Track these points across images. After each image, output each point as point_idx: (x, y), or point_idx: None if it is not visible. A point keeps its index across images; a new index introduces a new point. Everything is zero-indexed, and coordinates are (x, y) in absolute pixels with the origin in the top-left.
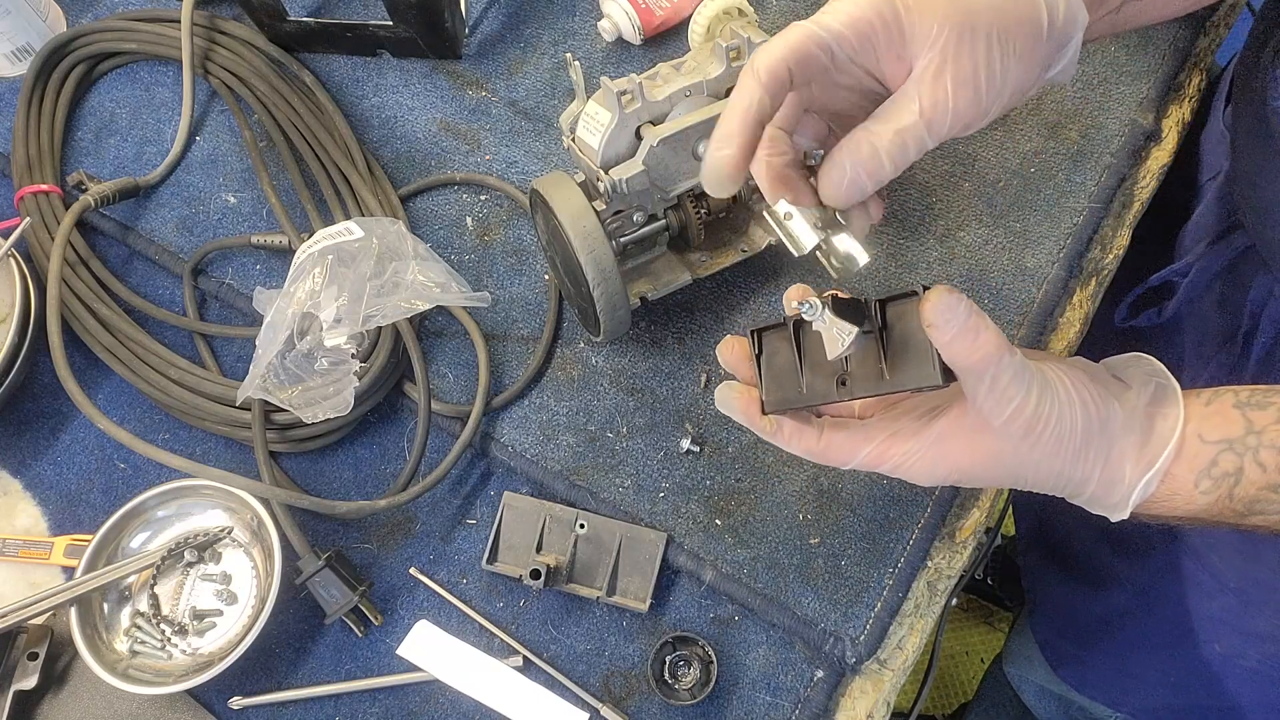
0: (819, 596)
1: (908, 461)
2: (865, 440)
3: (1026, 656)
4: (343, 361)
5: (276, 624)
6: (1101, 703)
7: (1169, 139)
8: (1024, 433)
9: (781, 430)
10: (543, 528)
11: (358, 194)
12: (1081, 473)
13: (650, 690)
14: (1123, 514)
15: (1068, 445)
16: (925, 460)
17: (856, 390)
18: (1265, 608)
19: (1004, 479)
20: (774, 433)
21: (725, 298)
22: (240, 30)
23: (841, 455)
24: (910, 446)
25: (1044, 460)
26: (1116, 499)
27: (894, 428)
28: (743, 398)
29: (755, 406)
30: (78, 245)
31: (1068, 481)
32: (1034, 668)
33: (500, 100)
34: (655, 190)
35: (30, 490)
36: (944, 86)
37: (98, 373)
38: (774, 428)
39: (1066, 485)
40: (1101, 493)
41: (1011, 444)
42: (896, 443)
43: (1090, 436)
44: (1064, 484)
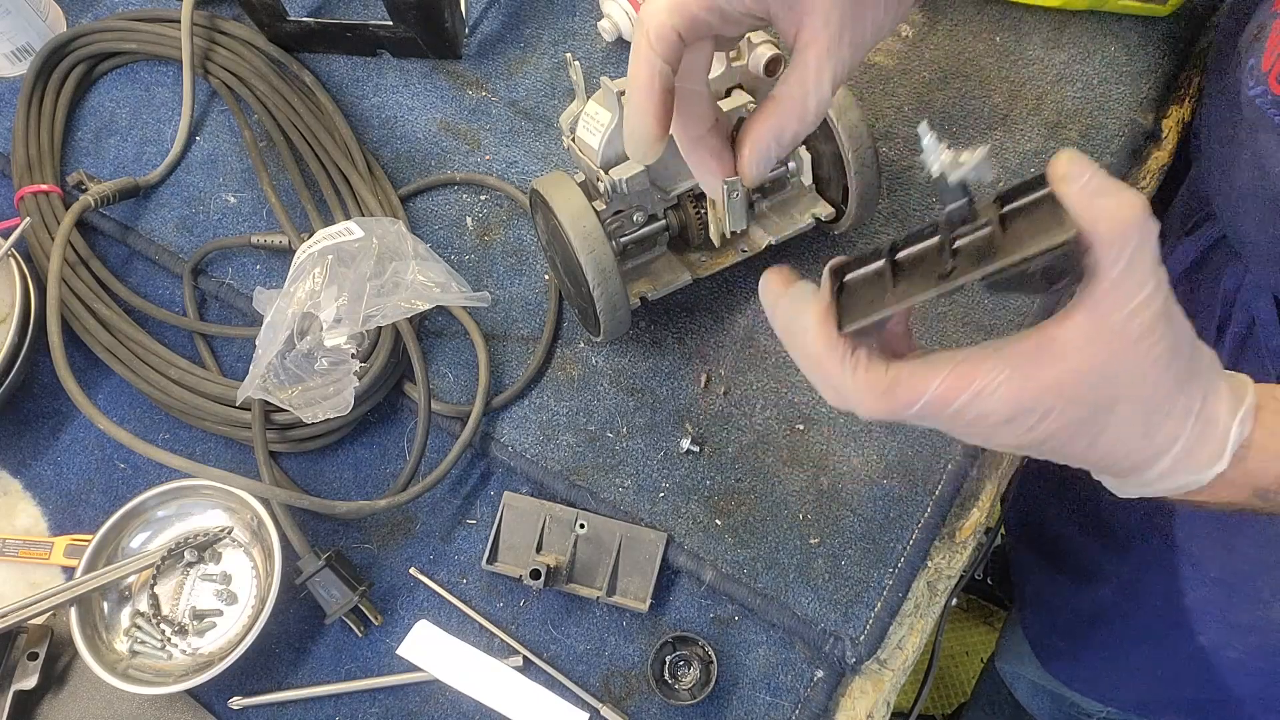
0: (819, 596)
1: (988, 389)
2: (934, 371)
3: (1017, 653)
4: (343, 361)
5: (276, 624)
6: (1091, 697)
7: (1169, 139)
8: (1142, 334)
9: (853, 354)
10: (543, 528)
11: (358, 194)
12: (1184, 403)
13: (650, 690)
14: (1218, 466)
15: (1177, 362)
16: (1011, 384)
17: (963, 272)
18: (1246, 599)
19: (1102, 405)
20: (844, 356)
21: (725, 298)
22: (240, 30)
23: (910, 390)
24: (991, 368)
25: (1152, 379)
26: (1211, 447)
27: (965, 354)
28: (822, 309)
29: (830, 319)
30: (78, 245)
31: (1167, 414)
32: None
33: (500, 100)
34: (655, 190)
35: (30, 490)
36: (844, 51)
37: (98, 373)
38: (843, 354)
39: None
40: (1197, 438)
41: (1125, 351)
42: (973, 367)
43: (1195, 358)
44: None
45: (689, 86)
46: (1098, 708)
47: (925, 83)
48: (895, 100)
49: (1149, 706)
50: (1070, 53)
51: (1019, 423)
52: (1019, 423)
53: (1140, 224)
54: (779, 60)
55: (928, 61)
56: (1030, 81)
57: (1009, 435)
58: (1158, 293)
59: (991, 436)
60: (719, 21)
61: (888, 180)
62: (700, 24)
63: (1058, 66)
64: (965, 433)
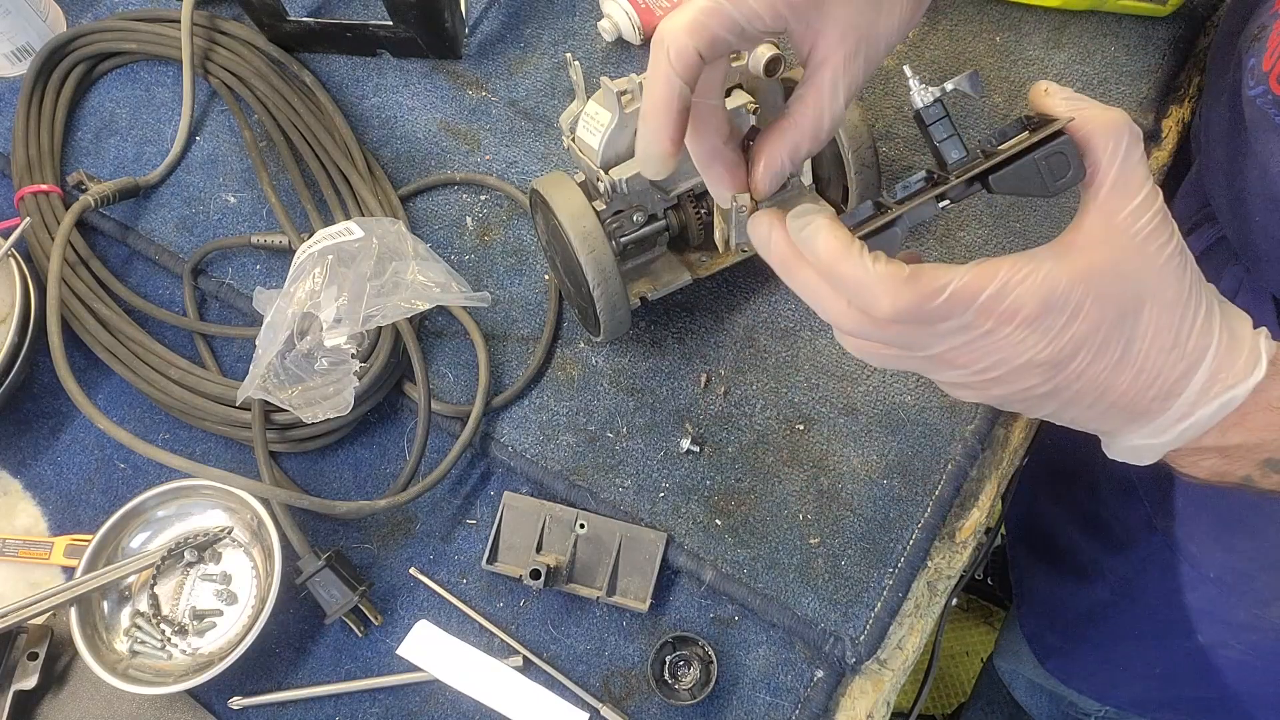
0: (819, 596)
1: (1015, 278)
2: (955, 268)
3: (1015, 651)
4: (343, 361)
5: (276, 624)
6: (1089, 695)
7: (1169, 139)
8: (1150, 235)
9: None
10: (543, 528)
11: (358, 194)
12: (1206, 308)
13: (650, 690)
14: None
15: (1189, 268)
16: (1038, 274)
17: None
18: (1245, 597)
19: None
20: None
21: (725, 298)
22: (240, 30)
23: (934, 279)
24: (1016, 261)
25: (1170, 280)
26: (1244, 357)
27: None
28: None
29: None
30: (78, 245)
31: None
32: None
33: (500, 100)
34: (655, 190)
35: (30, 490)
36: (858, 69)
37: (98, 373)
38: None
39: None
40: (1227, 347)
41: (1139, 251)
42: (996, 263)
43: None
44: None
45: (705, 101)
46: (1095, 706)
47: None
48: (895, 100)
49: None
50: (1070, 53)
51: (1048, 321)
52: (1048, 321)
53: (1127, 124)
54: (779, 60)
55: (928, 61)
56: (1030, 81)
57: (1037, 344)
58: (1155, 195)
59: (1018, 350)
60: (738, 40)
61: (888, 180)
62: (720, 43)
63: (1058, 66)
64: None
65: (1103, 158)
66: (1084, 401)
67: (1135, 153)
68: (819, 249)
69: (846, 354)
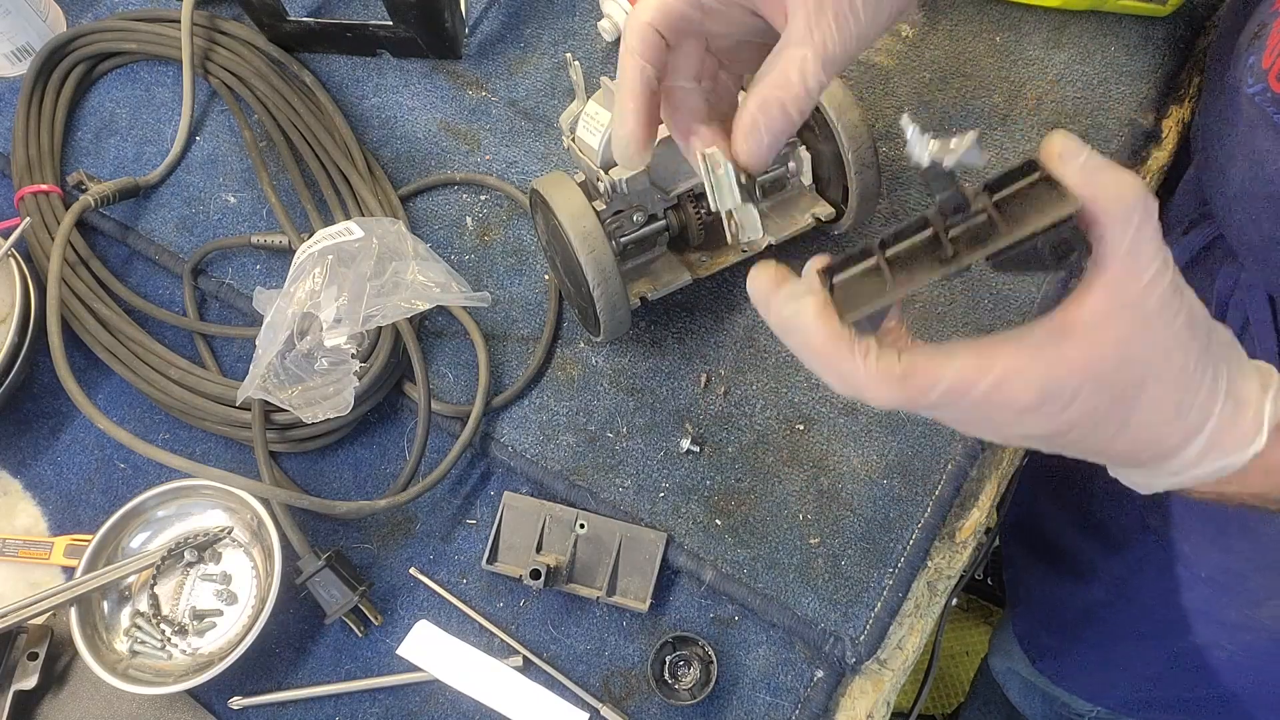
0: (819, 596)
1: (1012, 372)
2: (951, 356)
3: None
4: (343, 361)
5: (276, 624)
6: (1081, 696)
7: (1169, 139)
8: (1160, 308)
9: (860, 344)
10: (543, 528)
11: (358, 194)
12: (1211, 377)
13: (650, 690)
14: (1255, 445)
15: (1198, 336)
16: (1036, 367)
17: (966, 253)
18: (1238, 598)
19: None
20: (849, 347)
21: (725, 298)
22: (240, 30)
23: (928, 375)
24: (1014, 352)
25: (1176, 352)
26: (1246, 425)
27: (981, 342)
28: (820, 301)
29: (830, 310)
30: (78, 245)
31: (1196, 389)
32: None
33: (500, 100)
34: (655, 190)
35: (30, 490)
36: (828, 23)
37: (98, 373)
38: (850, 343)
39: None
40: (1229, 416)
41: (1146, 324)
42: (993, 350)
43: (1213, 335)
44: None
45: (678, 84)
46: (1087, 707)
47: (925, 83)
48: (895, 100)
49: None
50: (1070, 53)
51: (1045, 409)
52: (1045, 409)
53: (1143, 198)
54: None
55: (928, 61)
56: (1030, 81)
57: (1033, 423)
58: (1167, 266)
59: (1013, 426)
60: (701, 15)
61: (888, 180)
62: (682, 19)
63: (1058, 66)
64: (984, 424)
65: (1113, 232)
66: (1077, 452)
67: (1149, 227)
68: (809, 340)
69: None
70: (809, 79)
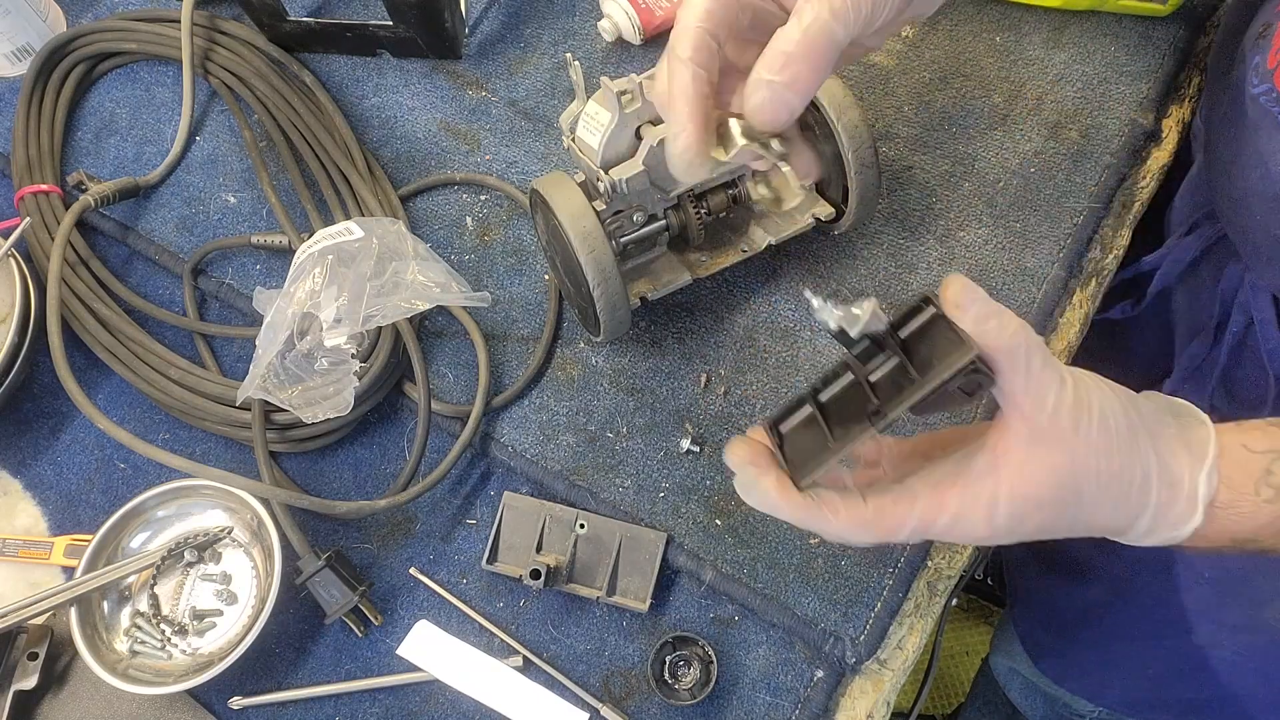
0: (819, 596)
1: (965, 509)
2: (912, 498)
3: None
4: (343, 361)
5: (276, 624)
6: (1081, 696)
7: (1169, 139)
8: (1073, 424)
9: (825, 504)
10: (543, 528)
11: (358, 194)
12: (1141, 469)
13: (650, 690)
14: (1192, 523)
15: (1117, 435)
16: (982, 499)
17: (889, 408)
18: (1240, 598)
19: (1067, 498)
20: (817, 509)
21: (725, 298)
22: (240, 30)
23: (894, 520)
24: (960, 494)
25: (1100, 458)
26: (1181, 506)
27: (935, 477)
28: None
29: (787, 484)
30: (78, 245)
31: (1129, 485)
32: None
33: (500, 100)
34: (655, 190)
35: (30, 490)
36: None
37: (98, 373)
38: (815, 503)
39: (1129, 493)
40: (1166, 500)
41: (1064, 444)
42: (944, 491)
43: (1134, 425)
44: (1127, 491)
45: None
46: (1088, 707)
47: (925, 83)
48: (895, 100)
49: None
50: (1070, 53)
51: (1001, 530)
52: (1001, 530)
53: (1025, 336)
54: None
55: (928, 61)
56: (1030, 81)
57: (1000, 539)
58: (1065, 386)
59: (975, 540)
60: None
61: (888, 180)
62: (731, 20)
63: (1058, 66)
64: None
65: (1008, 371)
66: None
67: (1037, 359)
68: (780, 511)
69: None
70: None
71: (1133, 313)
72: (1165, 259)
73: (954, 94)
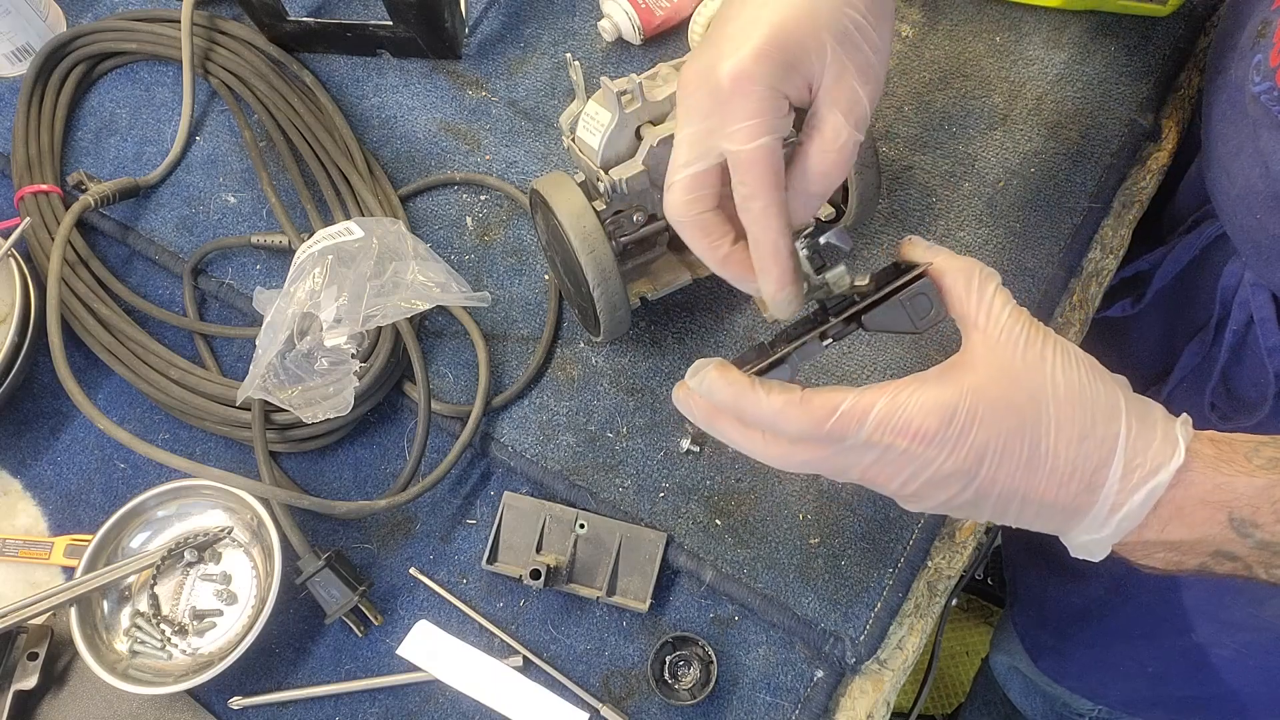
0: (819, 596)
1: (906, 394)
2: (848, 391)
3: (1010, 649)
4: (343, 361)
5: (276, 624)
6: (1081, 695)
7: (1169, 139)
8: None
9: (760, 384)
10: (543, 528)
11: (358, 194)
12: (1106, 394)
13: (650, 690)
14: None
15: (1079, 363)
16: (928, 391)
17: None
18: (1240, 596)
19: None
20: (750, 388)
21: (725, 298)
22: (240, 30)
23: (828, 400)
24: (907, 383)
25: (1061, 373)
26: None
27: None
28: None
29: (727, 365)
30: (78, 245)
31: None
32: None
33: (500, 100)
34: (655, 190)
35: (30, 490)
36: (850, 87)
37: (98, 373)
38: (750, 381)
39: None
40: (1140, 434)
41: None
42: (887, 384)
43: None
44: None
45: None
46: (1087, 705)
47: (925, 83)
48: (895, 100)
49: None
50: (1070, 53)
51: (950, 433)
52: (950, 433)
53: (977, 264)
54: None
55: (928, 61)
56: (1030, 81)
57: (947, 459)
58: (1019, 312)
59: (924, 460)
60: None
61: (888, 180)
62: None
63: (1058, 66)
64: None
65: (961, 292)
66: (1012, 504)
67: (989, 285)
68: (720, 395)
69: (846, 355)
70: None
71: (1132, 311)
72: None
73: (954, 94)
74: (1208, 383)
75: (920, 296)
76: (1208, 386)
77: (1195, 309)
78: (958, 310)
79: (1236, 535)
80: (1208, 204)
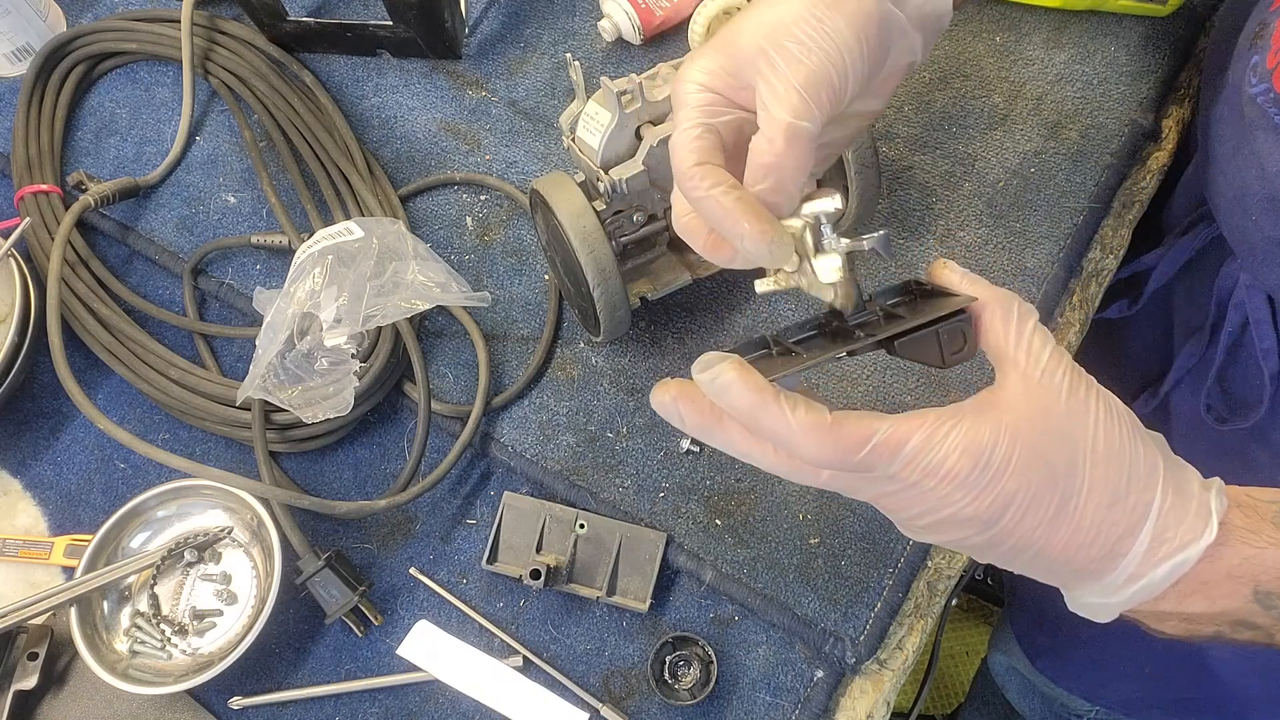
0: (819, 596)
1: (942, 431)
2: (882, 418)
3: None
4: (343, 361)
5: (276, 624)
6: (1079, 695)
7: (1169, 139)
8: (1070, 384)
9: (785, 398)
10: (543, 528)
11: (358, 194)
12: (1146, 459)
13: (650, 690)
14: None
15: (1118, 416)
16: (963, 429)
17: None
18: None
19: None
20: (775, 400)
21: (725, 298)
22: (240, 30)
23: (859, 429)
24: (941, 415)
25: (1099, 424)
26: (1191, 514)
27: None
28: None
29: (747, 366)
30: (78, 245)
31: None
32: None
33: (500, 100)
34: (655, 190)
35: (30, 490)
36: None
37: (98, 373)
38: (775, 392)
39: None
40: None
41: (1057, 393)
42: (921, 415)
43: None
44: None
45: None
46: (1085, 706)
47: (925, 83)
48: (895, 100)
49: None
50: (1070, 53)
51: (979, 476)
52: (979, 476)
53: (1017, 299)
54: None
55: (928, 61)
56: (1030, 81)
57: (970, 501)
58: (1061, 354)
59: (950, 504)
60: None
61: (888, 180)
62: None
63: (1058, 66)
64: (920, 500)
65: (999, 327)
66: (1023, 555)
67: (1029, 322)
68: (738, 402)
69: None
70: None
71: (1129, 311)
72: (1162, 258)
73: (954, 94)
74: (1204, 383)
75: (956, 331)
76: (1204, 387)
77: (1192, 310)
78: (993, 345)
79: (1260, 608)
80: (1204, 205)
